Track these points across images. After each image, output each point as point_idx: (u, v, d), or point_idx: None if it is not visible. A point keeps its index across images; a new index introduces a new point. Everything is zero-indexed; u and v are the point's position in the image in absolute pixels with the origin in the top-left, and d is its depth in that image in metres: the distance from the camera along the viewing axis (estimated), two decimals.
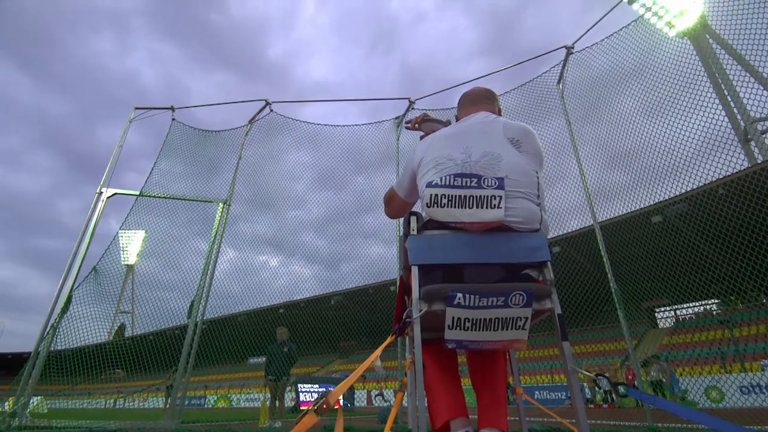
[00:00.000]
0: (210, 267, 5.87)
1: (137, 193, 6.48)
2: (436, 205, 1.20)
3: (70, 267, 5.62)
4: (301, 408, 11.78)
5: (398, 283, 1.41)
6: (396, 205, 1.58)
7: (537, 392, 14.94)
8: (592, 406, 11.93)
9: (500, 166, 1.22)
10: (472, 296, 1.08)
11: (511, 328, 1.09)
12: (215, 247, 5.98)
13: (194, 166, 7.36)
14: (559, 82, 6.12)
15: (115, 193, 6.41)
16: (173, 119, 7.11)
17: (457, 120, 1.58)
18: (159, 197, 6.49)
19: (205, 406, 23.91)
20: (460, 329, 1.10)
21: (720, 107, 5.40)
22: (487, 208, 1.16)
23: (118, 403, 27.98)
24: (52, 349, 5.32)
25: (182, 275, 6.49)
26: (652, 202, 5.79)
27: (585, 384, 13.26)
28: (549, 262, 1.17)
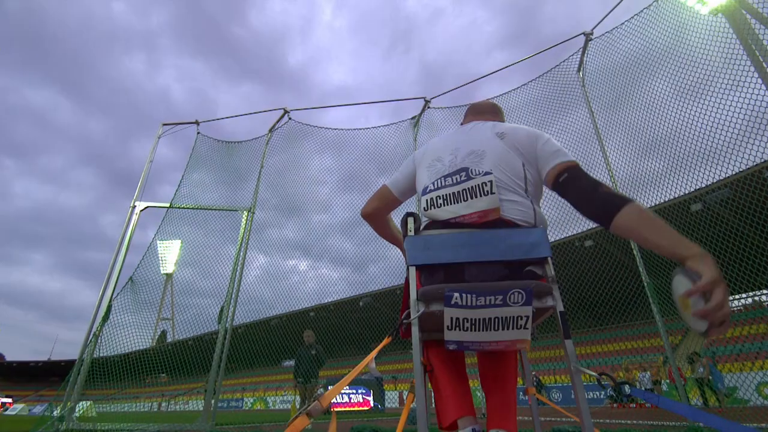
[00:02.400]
0: (237, 273, 6.05)
1: (168, 205, 6.77)
2: (433, 207, 1.25)
3: (108, 278, 5.95)
4: (332, 410, 11.90)
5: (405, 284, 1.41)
6: (386, 203, 1.52)
7: (572, 392, 14.46)
8: (633, 405, 11.41)
9: (484, 162, 1.25)
10: (470, 296, 1.07)
11: (513, 328, 1.06)
12: (241, 253, 6.16)
13: (220, 177, 7.62)
14: (579, 70, 5.91)
15: (148, 206, 6.73)
16: (198, 133, 7.39)
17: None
18: (188, 208, 6.76)
19: (243, 408, 24.63)
20: (460, 330, 1.09)
21: (762, 85, 5.03)
22: (480, 195, 1.18)
23: (162, 405, 29.33)
24: (97, 356, 5.64)
25: (216, 282, 6.72)
26: (690, 190, 5.49)
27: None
28: (549, 258, 1.13)
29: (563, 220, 5.94)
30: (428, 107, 6.81)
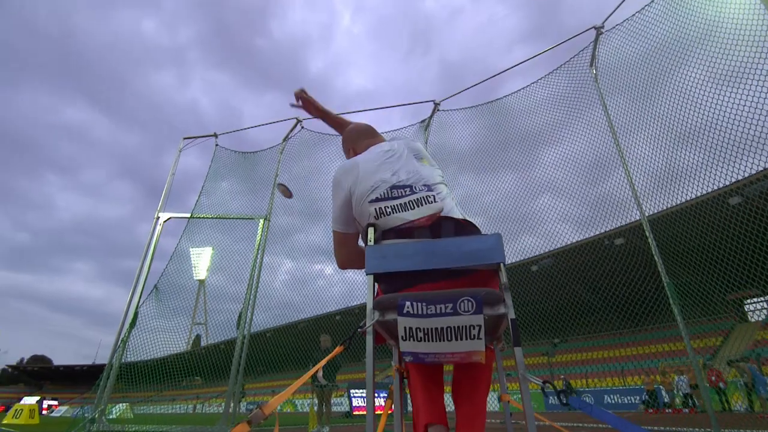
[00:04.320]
0: (255, 280, 6.21)
1: (189, 215, 7.05)
2: (382, 215, 1.32)
3: (135, 286, 6.25)
4: (354, 413, 11.98)
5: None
6: (348, 243, 1.52)
7: (606, 396, 13.87)
8: (669, 410, 10.85)
9: (422, 177, 1.41)
10: (420, 304, 1.08)
11: (466, 338, 1.06)
12: (258, 260, 6.33)
13: (238, 186, 7.88)
14: (591, 65, 5.74)
15: (170, 217, 7.03)
16: (216, 145, 7.67)
17: (354, 151, 1.69)
18: (207, 218, 7.02)
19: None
20: (414, 340, 1.10)
21: None
22: (426, 204, 1.32)
23: (197, 408, 30.32)
24: (126, 360, 5.93)
25: (244, 287, 6.94)
26: (728, 182, 5.18)
27: (662, 387, 12.10)
28: (502, 264, 1.12)
29: (591, 219, 5.76)
30: (438, 110, 6.79)
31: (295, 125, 7.12)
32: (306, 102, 2.02)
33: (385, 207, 1.33)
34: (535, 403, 15.92)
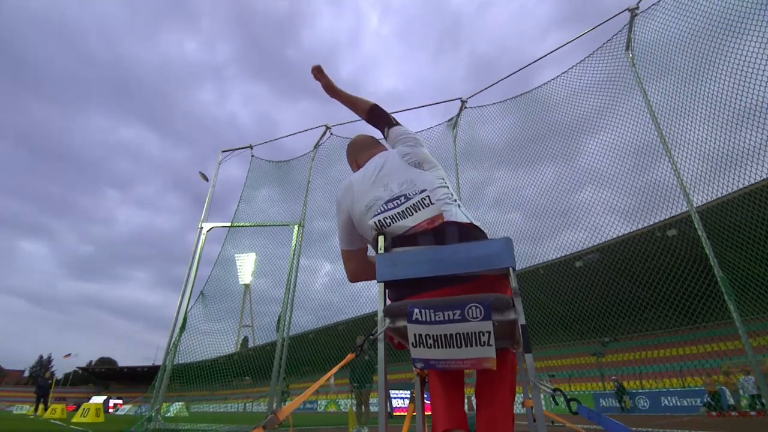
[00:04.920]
0: (292, 284, 6.42)
1: (229, 224, 7.41)
2: (384, 226, 1.35)
3: (183, 293, 6.64)
4: (395, 414, 12.00)
5: None
6: (355, 259, 1.59)
7: (664, 398, 12.99)
8: (735, 413, 10.00)
9: (416, 185, 1.39)
10: (428, 311, 1.09)
11: (476, 345, 1.06)
12: (294, 265, 6.53)
13: (274, 194, 8.17)
14: (627, 49, 5.44)
15: (213, 227, 7.41)
16: (252, 156, 8.00)
17: (357, 164, 1.72)
18: (246, 226, 7.33)
19: (317, 410, 25.70)
20: (424, 347, 1.11)
21: None
22: (422, 209, 1.32)
23: (247, 406, 31.64)
24: (177, 363, 6.33)
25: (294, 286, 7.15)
26: None
27: (727, 389, 11.17)
28: (512, 269, 1.11)
29: (640, 209, 5.44)
30: (465, 107, 6.69)
31: (324, 132, 7.28)
32: (322, 80, 1.91)
33: (384, 219, 1.35)
34: (586, 405, 15.20)
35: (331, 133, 7.21)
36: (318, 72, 1.86)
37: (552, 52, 6.17)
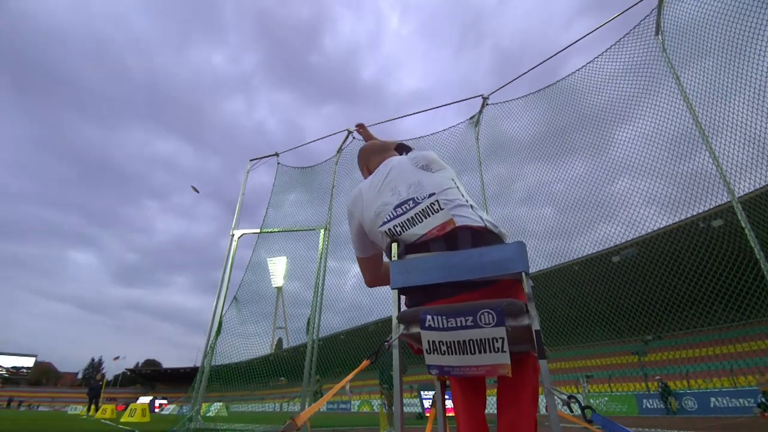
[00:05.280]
0: (320, 287, 6.53)
1: (258, 230, 7.64)
2: (395, 234, 1.34)
3: (217, 297, 6.90)
4: (426, 415, 11.95)
5: None
6: (370, 266, 1.60)
7: (714, 399, 12.25)
8: None
9: (424, 188, 1.38)
10: (440, 317, 1.10)
11: (489, 351, 1.05)
12: (321, 268, 6.65)
13: (301, 199, 8.36)
14: (657, 34, 5.19)
15: (244, 233, 7.66)
16: (278, 163, 8.21)
17: (368, 169, 1.73)
18: (274, 231, 7.53)
19: (350, 410, 25.95)
20: (438, 353, 1.12)
21: None
22: (432, 214, 1.30)
23: (283, 406, 32.38)
24: (215, 364, 6.59)
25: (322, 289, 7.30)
26: None
27: None
28: (524, 273, 1.10)
29: (682, 199, 5.16)
30: (487, 104, 6.59)
31: (347, 137, 7.37)
32: (363, 134, 2.55)
33: (394, 227, 1.34)
34: (627, 407, 14.57)
35: (353, 137, 7.29)
36: (361, 128, 2.58)
37: (577, 41, 5.98)
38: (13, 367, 73.11)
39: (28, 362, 75.38)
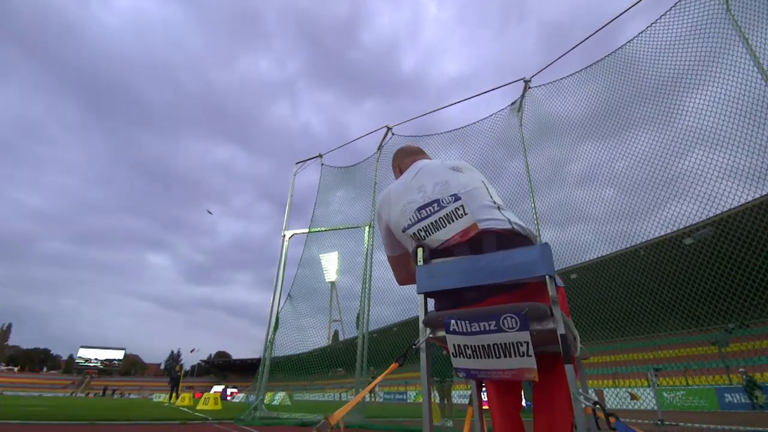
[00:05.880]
0: (367, 283, 6.69)
1: (307, 230, 7.95)
2: (419, 239, 1.35)
3: (273, 295, 7.31)
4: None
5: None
6: (400, 264, 1.62)
7: None
8: None
9: (450, 187, 1.37)
10: (464, 322, 1.12)
11: (514, 355, 1.05)
12: (368, 264, 6.79)
13: (345, 197, 8.58)
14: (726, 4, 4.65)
15: (294, 234, 8.02)
16: (322, 164, 8.47)
17: (400, 169, 1.72)
18: (321, 231, 7.80)
19: (407, 401, 26.31)
20: (464, 357, 1.14)
21: None
22: (456, 219, 1.29)
23: (342, 396, 33.58)
24: (282, 355, 7.01)
25: (370, 285, 7.50)
26: None
27: None
28: (548, 276, 1.08)
29: (765, 171, 4.62)
30: (529, 87, 6.31)
31: (387, 133, 7.42)
32: None
33: (418, 231, 1.35)
34: (706, 401, 13.41)
35: (393, 134, 7.33)
36: None
37: (630, 7, 5.53)
38: (107, 360, 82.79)
39: (119, 355, 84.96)
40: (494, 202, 1.36)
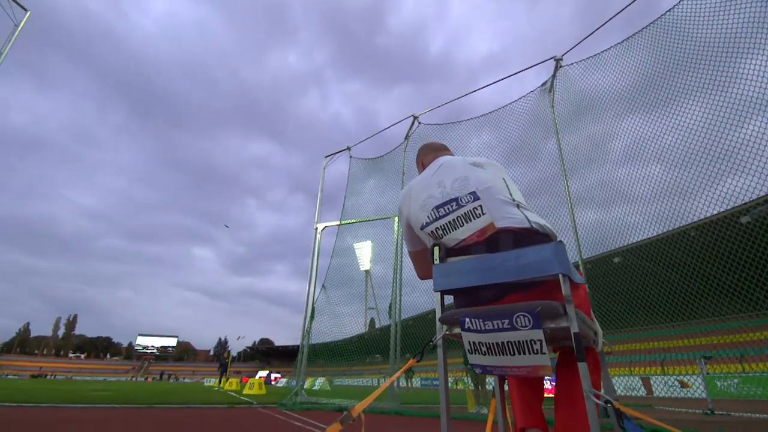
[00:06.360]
0: (398, 272, 6.76)
1: (338, 222, 8.11)
2: (436, 237, 1.37)
3: (308, 285, 7.55)
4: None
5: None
6: (421, 259, 1.62)
7: None
8: None
9: (469, 184, 1.38)
10: (478, 320, 1.14)
11: (528, 353, 1.06)
12: (398, 255, 6.86)
13: (374, 188, 8.64)
14: None
15: (326, 226, 8.21)
16: (351, 156, 8.56)
17: (423, 165, 1.72)
18: (351, 223, 7.93)
19: None
20: (479, 354, 1.17)
21: None
22: (474, 219, 1.30)
23: (379, 382, 34.32)
24: (320, 342, 7.29)
25: (404, 274, 7.60)
26: None
27: None
28: (561, 275, 1.08)
29: None
30: (561, 66, 6.05)
31: (413, 122, 7.37)
32: None
33: (436, 230, 1.37)
34: (764, 389, 12.58)
35: (419, 123, 7.27)
36: None
37: None
38: (162, 346, 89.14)
39: (172, 342, 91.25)
40: (513, 200, 1.36)
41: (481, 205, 1.30)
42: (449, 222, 1.34)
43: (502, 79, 6.52)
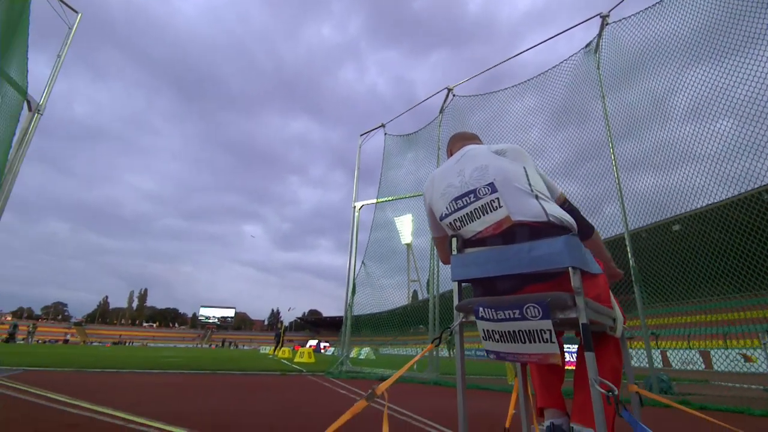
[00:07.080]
0: (434, 248, 6.83)
1: (375, 200, 8.24)
2: (454, 229, 1.41)
3: (349, 262, 7.83)
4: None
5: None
6: (444, 245, 1.63)
7: None
8: None
9: (488, 174, 1.37)
10: (490, 309, 1.20)
11: (538, 342, 1.11)
12: None
13: (409, 164, 8.62)
14: None
15: (363, 205, 8.37)
16: (385, 133, 8.55)
17: (451, 153, 1.74)
18: (389, 200, 8.02)
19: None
20: (492, 341, 1.23)
21: None
22: (491, 211, 1.31)
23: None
24: (363, 313, 7.62)
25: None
26: None
27: None
28: (571, 268, 1.10)
29: None
30: (607, 23, 5.58)
31: (447, 95, 7.19)
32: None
33: (454, 221, 1.40)
34: None
35: (454, 95, 7.08)
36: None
37: None
38: (222, 317, 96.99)
39: (230, 313, 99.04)
40: (532, 190, 1.34)
41: (498, 198, 1.31)
42: (467, 214, 1.37)
43: (542, 42, 6.13)
